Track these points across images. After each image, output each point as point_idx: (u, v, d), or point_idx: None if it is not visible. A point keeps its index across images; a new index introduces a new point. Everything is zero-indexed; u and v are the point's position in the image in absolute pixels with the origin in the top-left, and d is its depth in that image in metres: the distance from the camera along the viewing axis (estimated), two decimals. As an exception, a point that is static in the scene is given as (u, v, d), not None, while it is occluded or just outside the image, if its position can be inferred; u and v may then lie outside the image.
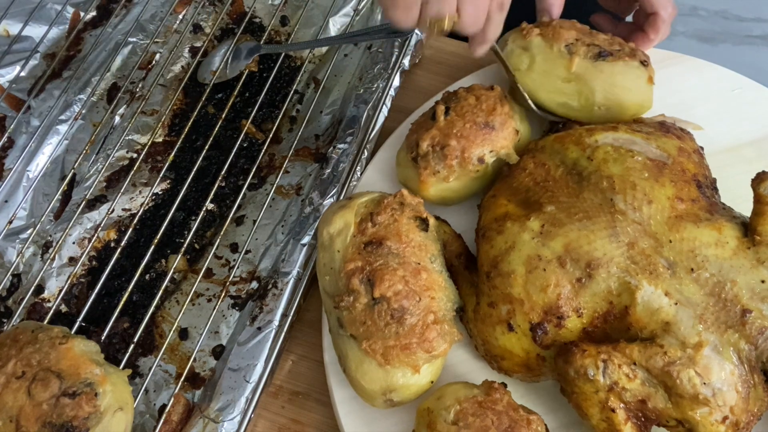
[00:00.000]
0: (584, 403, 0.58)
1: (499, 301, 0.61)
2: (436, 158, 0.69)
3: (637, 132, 0.66)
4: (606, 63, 0.70)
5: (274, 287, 0.68)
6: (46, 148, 0.79)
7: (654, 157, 0.63)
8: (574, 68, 0.70)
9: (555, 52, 0.71)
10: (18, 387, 0.56)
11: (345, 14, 0.86)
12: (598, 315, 0.59)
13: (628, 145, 0.64)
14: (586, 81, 0.70)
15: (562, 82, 0.71)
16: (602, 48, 0.71)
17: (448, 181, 0.69)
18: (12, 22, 0.86)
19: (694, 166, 0.64)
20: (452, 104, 0.70)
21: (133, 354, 0.69)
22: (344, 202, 0.65)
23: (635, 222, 0.60)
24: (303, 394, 0.68)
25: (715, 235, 0.59)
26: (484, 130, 0.68)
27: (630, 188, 0.61)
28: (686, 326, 0.57)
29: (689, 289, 0.58)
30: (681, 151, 0.64)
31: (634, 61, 0.71)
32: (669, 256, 0.58)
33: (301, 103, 0.84)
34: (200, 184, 0.78)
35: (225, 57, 0.83)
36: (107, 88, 0.84)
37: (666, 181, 0.61)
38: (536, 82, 0.72)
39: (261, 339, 0.66)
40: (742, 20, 1.73)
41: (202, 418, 0.63)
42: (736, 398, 0.56)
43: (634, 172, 0.62)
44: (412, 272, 0.61)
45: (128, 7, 0.89)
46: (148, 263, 0.72)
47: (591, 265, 0.59)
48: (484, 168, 0.69)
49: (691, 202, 0.61)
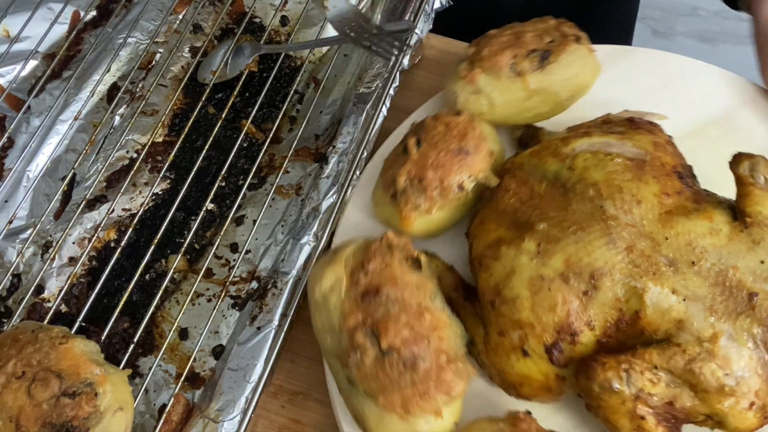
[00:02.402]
0: (613, 416, 0.57)
1: (509, 329, 0.59)
2: (416, 192, 0.67)
3: (610, 133, 0.65)
4: (553, 64, 0.71)
5: (273, 287, 0.68)
6: (46, 148, 0.79)
7: (632, 156, 0.63)
8: (530, 87, 0.71)
9: (504, 80, 0.71)
10: (18, 387, 0.56)
11: (345, 14, 0.86)
12: (609, 324, 0.58)
13: (605, 148, 0.64)
14: (546, 89, 0.71)
15: (526, 101, 0.72)
16: (540, 50, 0.71)
17: (431, 214, 0.68)
18: (12, 22, 0.86)
19: (671, 158, 0.64)
20: (422, 135, 0.69)
21: (133, 354, 0.69)
22: (330, 256, 0.63)
23: (629, 225, 0.59)
24: (303, 394, 0.68)
25: (707, 225, 0.59)
26: (459, 156, 0.67)
27: (617, 192, 0.60)
28: (698, 320, 0.56)
29: (694, 282, 0.57)
30: (656, 145, 0.64)
31: (571, 45, 0.71)
32: (668, 254, 0.58)
33: (301, 103, 0.84)
34: (200, 184, 0.78)
35: (225, 57, 0.83)
36: (107, 88, 0.84)
37: (649, 178, 0.61)
38: (504, 114, 0.73)
39: (261, 339, 0.66)
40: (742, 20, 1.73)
41: (202, 418, 0.63)
42: (759, 382, 0.55)
43: (616, 175, 0.61)
44: (415, 315, 0.59)
45: (128, 7, 0.89)
46: (148, 263, 0.72)
47: (594, 276, 0.58)
48: (465, 195, 0.68)
49: (677, 194, 0.61)
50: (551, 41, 0.72)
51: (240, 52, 0.83)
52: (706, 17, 1.81)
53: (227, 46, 0.84)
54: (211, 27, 0.88)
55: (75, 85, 0.82)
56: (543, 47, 0.71)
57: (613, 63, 0.76)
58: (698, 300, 0.57)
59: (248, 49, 0.83)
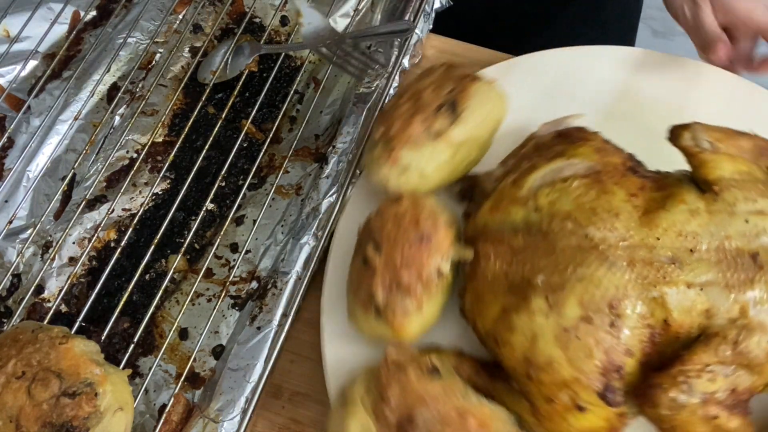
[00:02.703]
0: (690, 428, 0.56)
1: (556, 392, 0.57)
2: (399, 298, 0.62)
3: (552, 158, 0.64)
4: (465, 111, 0.68)
5: (273, 287, 0.68)
6: (46, 148, 0.79)
7: (586, 171, 0.62)
8: (454, 142, 0.68)
9: (426, 147, 0.67)
10: (18, 387, 0.56)
11: (345, 14, 0.86)
12: (645, 343, 0.57)
13: (557, 175, 0.62)
14: (468, 137, 0.69)
15: (454, 156, 0.69)
16: (446, 103, 0.68)
17: (422, 311, 0.63)
18: (12, 22, 0.86)
19: (616, 156, 0.63)
20: (377, 239, 0.64)
21: (133, 354, 0.69)
22: (343, 404, 0.59)
23: (619, 241, 0.58)
24: (303, 394, 0.68)
25: (684, 208, 0.59)
26: (423, 243, 0.62)
27: (592, 215, 0.59)
28: (722, 302, 0.56)
29: (701, 269, 0.57)
30: (598, 150, 0.63)
31: (472, 85, 0.69)
32: (666, 252, 0.58)
33: (301, 103, 0.84)
34: (200, 184, 0.78)
35: (225, 57, 0.83)
36: (107, 88, 0.84)
37: (611, 187, 0.60)
38: (439, 178, 0.69)
39: (261, 339, 0.66)
40: (742, 20, 1.73)
41: (202, 418, 0.63)
42: None
43: (582, 197, 0.60)
44: (459, 423, 0.56)
45: (128, 7, 0.89)
46: (148, 263, 0.72)
47: (613, 305, 0.57)
48: (445, 278, 0.63)
49: (641, 191, 0.60)
50: (451, 90, 0.68)
51: (240, 52, 0.83)
52: (707, 17, 1.81)
53: (227, 46, 0.84)
54: (211, 27, 0.88)
55: (75, 85, 0.82)
56: (446, 99, 0.68)
57: (502, 80, 0.74)
58: (713, 284, 0.57)
59: (248, 49, 0.83)
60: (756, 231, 0.58)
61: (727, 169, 0.60)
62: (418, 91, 0.69)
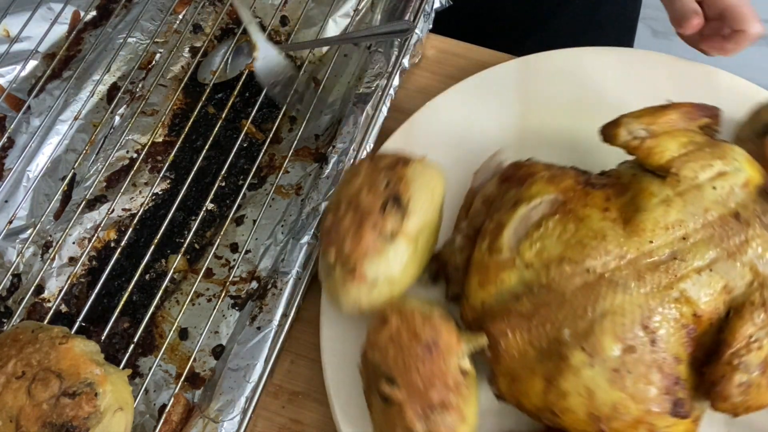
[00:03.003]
0: (762, 400, 0.56)
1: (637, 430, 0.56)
2: (440, 419, 0.57)
3: (512, 207, 0.62)
4: (411, 201, 0.63)
5: (273, 287, 0.68)
6: (46, 148, 0.79)
7: (551, 208, 0.61)
8: (411, 235, 0.63)
9: (387, 252, 0.62)
10: (18, 387, 0.56)
11: (345, 14, 0.86)
12: (687, 344, 0.57)
13: (527, 223, 0.61)
14: (422, 224, 0.63)
15: (415, 250, 0.64)
16: (388, 200, 0.62)
17: (465, 418, 0.58)
18: (12, 22, 0.86)
19: (567, 177, 0.62)
20: (387, 372, 0.58)
21: (133, 354, 0.69)
22: None
23: (618, 261, 0.58)
24: (303, 393, 0.68)
25: (656, 201, 0.59)
26: (433, 353, 0.57)
27: (581, 248, 0.58)
28: (734, 272, 0.57)
29: (701, 250, 0.57)
30: (549, 180, 0.62)
31: (407, 170, 0.64)
32: (665, 251, 0.58)
33: (301, 103, 0.84)
34: (200, 184, 0.78)
35: (225, 57, 0.83)
36: (107, 88, 0.84)
37: (582, 211, 0.60)
38: (410, 276, 0.64)
39: (261, 339, 0.66)
40: (742, 20, 1.73)
41: (202, 418, 0.63)
42: None
43: (564, 234, 0.59)
44: None
45: (128, 7, 0.89)
46: (148, 263, 0.72)
47: (645, 325, 0.56)
48: (471, 374, 0.59)
49: (609, 202, 0.60)
50: (387, 183, 0.63)
51: (240, 52, 0.83)
52: (707, 17, 1.81)
53: (227, 46, 0.84)
54: (211, 27, 0.88)
55: (75, 85, 0.82)
56: (387, 195, 0.63)
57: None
58: (717, 260, 0.57)
59: (248, 49, 0.83)
60: (726, 193, 0.59)
61: (672, 147, 0.61)
62: (354, 196, 0.63)
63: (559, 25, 1.01)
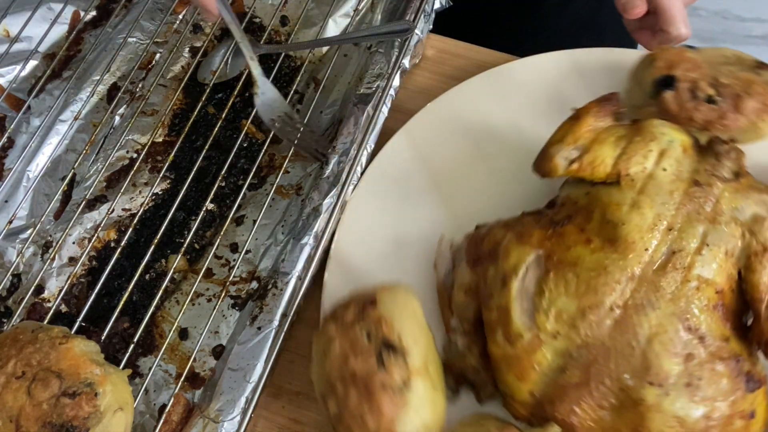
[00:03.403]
0: None
1: (733, 429, 0.56)
2: None
3: (504, 287, 0.59)
4: (396, 339, 0.57)
5: (274, 287, 0.68)
6: (46, 148, 0.79)
7: (539, 268, 0.58)
8: (420, 371, 0.58)
9: (408, 402, 0.57)
10: (18, 387, 0.56)
11: (345, 14, 0.86)
12: (723, 319, 0.57)
13: (527, 295, 0.59)
14: (424, 353, 0.58)
15: (431, 379, 0.59)
16: (378, 352, 0.56)
17: None
18: (12, 22, 0.86)
19: (531, 227, 0.61)
20: None
21: (133, 354, 0.69)
22: None
23: (632, 286, 0.57)
24: (303, 394, 0.68)
25: (626, 210, 0.58)
26: None
27: (593, 293, 0.56)
28: (724, 235, 0.57)
29: (690, 232, 0.58)
30: (517, 240, 0.60)
31: (374, 311, 0.59)
32: (662, 251, 0.58)
33: (301, 103, 0.84)
34: (200, 184, 0.78)
35: (225, 57, 0.83)
36: (107, 88, 0.84)
37: (569, 256, 0.58)
38: (440, 407, 0.59)
39: (261, 339, 0.66)
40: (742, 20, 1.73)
41: (202, 418, 0.63)
42: None
43: (569, 289, 0.57)
44: None
45: (128, 7, 0.89)
46: (148, 263, 0.72)
47: (688, 327, 0.55)
48: None
49: (584, 231, 0.59)
50: (368, 335, 0.57)
51: (240, 52, 0.83)
52: (706, 17, 1.81)
53: (227, 46, 0.84)
54: (211, 27, 0.88)
55: (75, 85, 0.82)
56: (377, 347, 0.57)
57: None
58: (706, 232, 0.58)
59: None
60: (675, 168, 0.60)
61: (608, 152, 0.61)
62: (343, 369, 0.57)
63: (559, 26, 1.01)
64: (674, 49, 0.71)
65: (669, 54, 0.70)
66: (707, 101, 0.67)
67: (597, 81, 0.78)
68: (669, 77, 0.68)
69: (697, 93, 0.67)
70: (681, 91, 0.67)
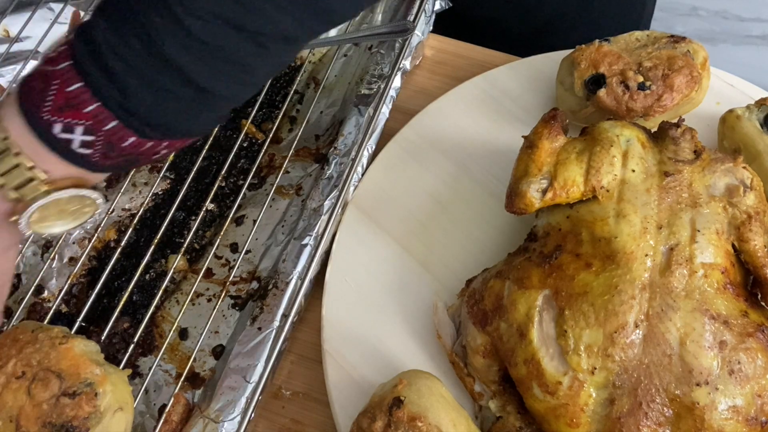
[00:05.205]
0: None
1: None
2: None
3: (523, 341, 0.58)
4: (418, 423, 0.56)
5: (274, 287, 0.68)
6: (46, 148, 0.79)
7: (551, 309, 0.58)
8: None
9: None
10: (18, 387, 0.56)
11: (345, 14, 0.86)
12: (734, 295, 0.57)
13: (552, 340, 0.57)
14: (449, 412, 0.57)
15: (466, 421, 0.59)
16: None
17: None
18: (12, 22, 0.85)
19: (526, 268, 0.60)
20: None
21: (133, 354, 0.69)
22: None
23: (645, 294, 0.56)
24: (303, 394, 0.68)
25: (612, 222, 0.59)
26: None
27: (613, 316, 0.56)
28: (710, 214, 0.59)
29: (678, 224, 0.58)
30: (518, 285, 0.59)
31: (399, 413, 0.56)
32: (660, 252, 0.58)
33: (301, 103, 0.84)
34: (200, 184, 0.78)
35: (225, 57, 0.83)
36: (107, 88, 0.84)
37: (575, 287, 0.57)
38: None
39: (261, 339, 0.66)
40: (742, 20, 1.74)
41: (202, 418, 0.63)
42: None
43: (589, 321, 0.56)
44: None
45: (128, 7, 0.88)
46: (148, 263, 0.72)
47: (712, 317, 0.56)
48: None
49: (580, 257, 0.58)
50: (387, 425, 0.55)
51: (240, 52, 0.83)
52: (706, 17, 1.81)
53: (227, 46, 0.84)
54: (211, 27, 0.88)
55: (75, 85, 0.82)
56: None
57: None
58: (693, 219, 0.59)
59: (248, 49, 0.83)
60: (642, 165, 0.60)
61: (575, 171, 0.61)
62: None
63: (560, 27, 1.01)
64: (590, 47, 0.72)
65: (588, 53, 0.71)
66: (640, 89, 0.69)
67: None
68: (597, 76, 0.70)
69: (628, 84, 0.69)
70: (613, 87, 0.69)
